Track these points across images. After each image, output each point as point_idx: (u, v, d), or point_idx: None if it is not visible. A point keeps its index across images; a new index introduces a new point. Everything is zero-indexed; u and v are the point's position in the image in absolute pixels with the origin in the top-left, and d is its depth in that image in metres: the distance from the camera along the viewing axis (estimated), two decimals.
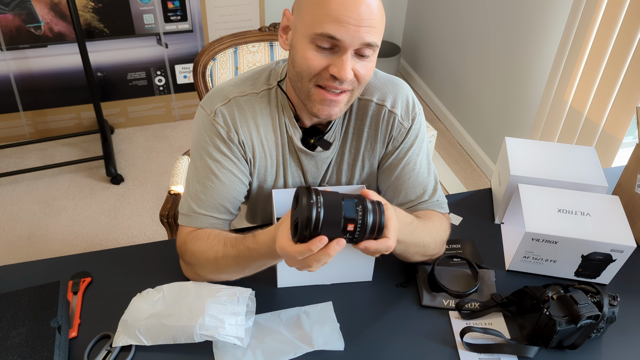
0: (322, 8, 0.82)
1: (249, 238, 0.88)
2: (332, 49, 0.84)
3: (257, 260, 0.88)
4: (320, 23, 0.82)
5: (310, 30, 0.84)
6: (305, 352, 0.90)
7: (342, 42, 0.82)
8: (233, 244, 0.90)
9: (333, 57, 0.85)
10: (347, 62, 0.84)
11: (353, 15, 0.81)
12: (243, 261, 0.89)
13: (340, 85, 0.87)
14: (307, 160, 1.04)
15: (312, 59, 0.85)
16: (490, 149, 2.57)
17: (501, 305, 0.99)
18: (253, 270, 0.92)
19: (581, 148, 1.24)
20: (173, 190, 1.46)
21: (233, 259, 0.90)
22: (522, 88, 2.27)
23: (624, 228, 1.02)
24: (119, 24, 2.50)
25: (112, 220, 2.28)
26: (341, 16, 0.81)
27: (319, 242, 0.72)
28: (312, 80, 0.88)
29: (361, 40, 0.83)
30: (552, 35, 2.03)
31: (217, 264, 0.92)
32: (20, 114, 2.61)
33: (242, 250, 0.88)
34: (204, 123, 0.98)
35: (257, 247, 0.86)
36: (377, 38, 0.85)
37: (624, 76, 1.67)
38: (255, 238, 0.87)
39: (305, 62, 0.86)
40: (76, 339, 0.92)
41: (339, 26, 0.81)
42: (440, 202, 1.06)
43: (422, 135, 1.05)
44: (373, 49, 0.86)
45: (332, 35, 0.82)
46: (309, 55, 0.85)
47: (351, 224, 0.73)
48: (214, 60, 1.44)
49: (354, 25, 0.81)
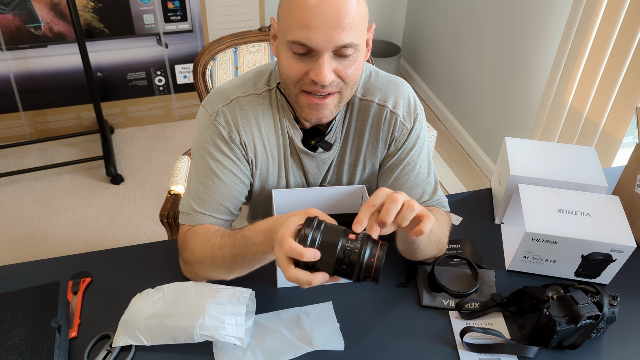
0: (291, 15, 0.82)
1: (246, 227, 0.88)
2: (309, 54, 0.84)
3: (250, 250, 0.86)
4: (292, 30, 0.82)
5: (285, 37, 0.84)
6: (305, 352, 0.90)
7: (314, 47, 0.82)
8: (230, 235, 0.90)
9: (311, 61, 0.85)
10: (324, 66, 0.83)
11: (322, 19, 0.80)
12: (238, 251, 0.88)
13: (323, 88, 0.87)
14: (308, 161, 1.04)
15: (292, 66, 0.86)
16: (490, 149, 2.57)
17: (501, 305, 0.99)
18: (246, 265, 0.90)
19: (581, 148, 1.23)
20: (173, 190, 1.46)
21: (229, 249, 0.89)
22: (522, 88, 2.27)
23: (624, 228, 1.02)
24: (119, 24, 2.50)
25: (112, 220, 2.28)
26: (309, 21, 0.80)
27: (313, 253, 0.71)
28: (297, 86, 0.88)
29: (334, 42, 0.82)
30: (552, 35, 2.03)
31: (214, 257, 0.91)
32: (20, 114, 2.61)
33: (238, 239, 0.88)
34: (206, 123, 0.98)
35: (252, 234, 0.85)
36: (353, 37, 0.83)
37: (624, 76, 1.67)
38: (252, 226, 0.86)
39: (287, 69, 0.87)
40: (76, 339, 0.92)
41: (308, 32, 0.81)
42: (441, 202, 1.07)
43: (424, 136, 1.05)
44: (354, 48, 0.85)
45: (303, 42, 0.82)
46: (289, 63, 0.86)
47: (354, 234, 0.73)
48: (214, 60, 1.44)
49: (323, 28, 0.80)
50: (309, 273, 0.73)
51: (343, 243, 0.72)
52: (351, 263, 0.72)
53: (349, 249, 0.72)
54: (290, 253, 0.72)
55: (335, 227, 0.74)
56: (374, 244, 0.74)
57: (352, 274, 0.73)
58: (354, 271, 0.72)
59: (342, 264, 0.72)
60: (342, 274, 0.73)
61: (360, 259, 0.72)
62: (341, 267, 0.72)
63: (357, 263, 0.72)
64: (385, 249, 0.74)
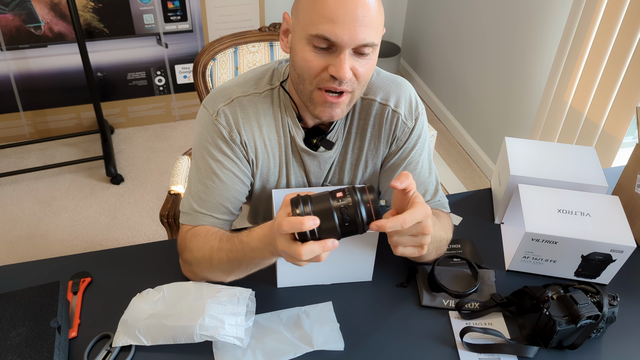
0: (317, 9, 0.82)
1: (243, 232, 0.88)
2: (330, 49, 0.84)
3: (247, 255, 0.86)
4: (316, 24, 0.82)
5: (307, 31, 0.84)
6: (305, 352, 0.90)
7: (338, 42, 0.82)
8: (228, 239, 0.90)
9: (331, 57, 0.85)
10: (345, 62, 0.83)
11: (348, 15, 0.80)
12: (235, 255, 0.88)
13: (340, 85, 0.86)
14: (309, 160, 1.04)
15: (311, 60, 0.86)
16: (490, 149, 2.57)
17: (501, 305, 0.99)
18: (244, 268, 0.90)
19: (581, 148, 1.23)
20: (173, 190, 1.46)
21: (226, 253, 0.89)
22: (522, 88, 2.27)
23: (624, 228, 1.02)
24: (119, 24, 2.50)
25: (112, 220, 2.28)
26: (336, 16, 0.80)
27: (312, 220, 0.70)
28: (314, 83, 0.88)
29: (357, 39, 0.82)
30: (552, 35, 2.03)
31: (211, 259, 0.91)
32: (20, 114, 2.61)
33: (236, 243, 0.88)
34: (206, 123, 0.98)
35: (249, 240, 0.85)
36: (374, 37, 0.84)
37: (624, 76, 1.67)
38: (249, 232, 0.86)
39: (305, 63, 0.86)
40: (76, 339, 0.92)
41: (334, 26, 0.81)
42: (442, 202, 1.07)
43: (425, 135, 1.06)
44: (372, 48, 0.86)
45: (327, 37, 0.82)
46: (307, 57, 0.86)
47: (339, 192, 0.74)
48: (214, 60, 1.44)
49: (349, 24, 0.81)
50: (319, 242, 0.72)
51: (335, 205, 0.73)
52: (352, 218, 0.73)
53: (343, 206, 0.73)
54: (291, 228, 0.71)
55: (321, 195, 0.75)
56: (361, 191, 0.74)
57: (357, 229, 0.74)
58: (358, 224, 0.73)
59: (344, 223, 0.73)
60: (349, 233, 0.74)
61: (359, 211, 0.73)
62: (344, 226, 0.73)
63: (357, 216, 0.73)
64: (374, 188, 0.76)
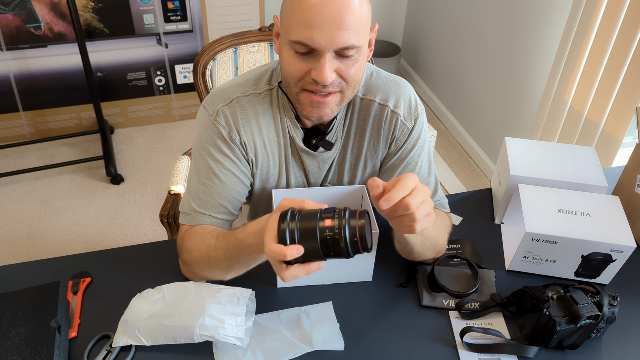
0: (294, 15, 0.82)
1: (239, 229, 0.88)
2: (311, 53, 0.84)
3: (244, 251, 0.86)
4: (294, 30, 0.82)
5: (287, 37, 0.85)
6: (305, 352, 0.90)
7: (316, 47, 0.82)
8: (224, 236, 0.90)
9: (313, 60, 0.85)
10: (325, 66, 0.83)
11: (325, 19, 0.80)
12: (232, 252, 0.88)
13: (324, 88, 0.87)
14: (309, 160, 1.04)
15: (294, 65, 0.86)
16: (490, 149, 2.57)
17: (501, 305, 0.99)
18: (242, 266, 0.90)
19: (581, 148, 1.23)
20: (173, 190, 1.46)
21: (223, 250, 0.89)
22: (522, 88, 2.27)
23: (624, 228, 1.02)
24: (119, 24, 2.50)
25: (112, 220, 2.28)
26: (312, 21, 0.80)
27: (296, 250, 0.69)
28: (298, 85, 0.89)
29: (336, 43, 0.82)
30: (552, 35, 2.03)
31: (209, 258, 0.91)
32: (20, 114, 2.61)
33: (232, 241, 0.87)
34: (206, 123, 0.98)
35: (245, 237, 0.84)
36: (355, 39, 0.83)
37: (624, 76, 1.67)
38: (244, 228, 0.86)
39: (289, 67, 0.87)
40: (76, 339, 0.92)
41: (311, 32, 0.81)
42: (441, 202, 1.07)
43: (424, 136, 1.05)
44: (356, 49, 0.85)
45: (305, 42, 0.82)
46: (290, 61, 0.86)
47: (328, 219, 0.70)
48: (214, 60, 1.44)
49: (326, 29, 0.80)
50: (303, 266, 0.71)
51: (321, 226, 0.69)
52: (335, 243, 0.69)
53: (329, 229, 0.69)
54: (274, 258, 0.70)
55: (310, 213, 0.71)
56: (352, 216, 0.71)
57: (341, 253, 0.70)
58: (342, 250, 0.70)
59: (326, 246, 0.69)
60: (333, 256, 0.71)
61: (343, 236, 0.69)
62: (328, 250, 0.70)
63: (341, 240, 0.69)
64: (366, 214, 0.71)
